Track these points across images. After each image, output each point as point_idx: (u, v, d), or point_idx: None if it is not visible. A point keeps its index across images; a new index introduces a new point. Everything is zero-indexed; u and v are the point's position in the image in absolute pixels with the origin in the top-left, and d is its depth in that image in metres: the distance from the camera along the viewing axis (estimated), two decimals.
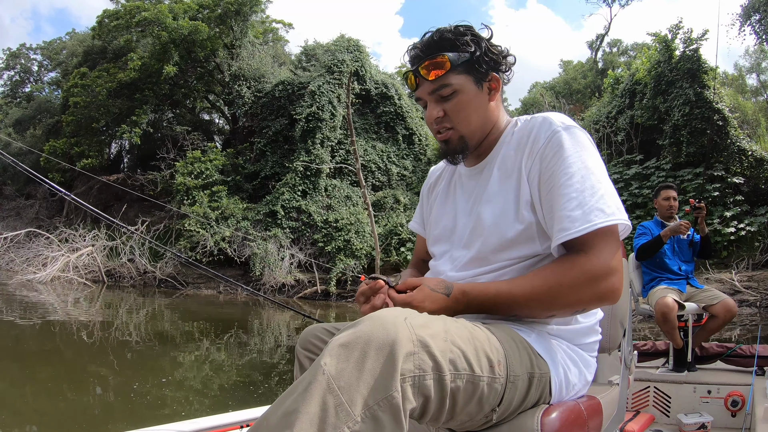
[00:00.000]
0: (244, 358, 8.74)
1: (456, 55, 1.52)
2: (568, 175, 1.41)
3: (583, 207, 1.37)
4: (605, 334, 1.75)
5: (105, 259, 20.84)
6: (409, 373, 1.04)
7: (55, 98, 35.74)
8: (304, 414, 0.96)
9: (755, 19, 19.61)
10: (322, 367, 1.01)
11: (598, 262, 1.35)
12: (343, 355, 1.02)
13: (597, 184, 1.40)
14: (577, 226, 1.36)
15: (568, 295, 1.36)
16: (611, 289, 1.36)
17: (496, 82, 1.59)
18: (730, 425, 3.75)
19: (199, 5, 23.85)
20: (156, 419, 5.50)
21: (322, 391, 0.98)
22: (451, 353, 1.13)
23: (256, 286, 17.80)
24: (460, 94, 1.55)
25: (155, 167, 22.93)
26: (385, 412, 0.99)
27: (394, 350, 1.02)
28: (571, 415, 1.38)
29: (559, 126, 1.47)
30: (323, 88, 20.55)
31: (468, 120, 1.57)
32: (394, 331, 1.05)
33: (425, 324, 1.12)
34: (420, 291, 1.38)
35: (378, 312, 1.12)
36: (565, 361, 1.48)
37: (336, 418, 0.96)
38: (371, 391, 0.99)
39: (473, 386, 1.17)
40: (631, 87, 18.33)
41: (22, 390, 6.61)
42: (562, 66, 40.89)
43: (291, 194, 19.60)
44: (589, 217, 1.35)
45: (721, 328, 4.42)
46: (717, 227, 14.50)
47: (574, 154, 1.43)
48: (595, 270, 1.34)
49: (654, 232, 4.75)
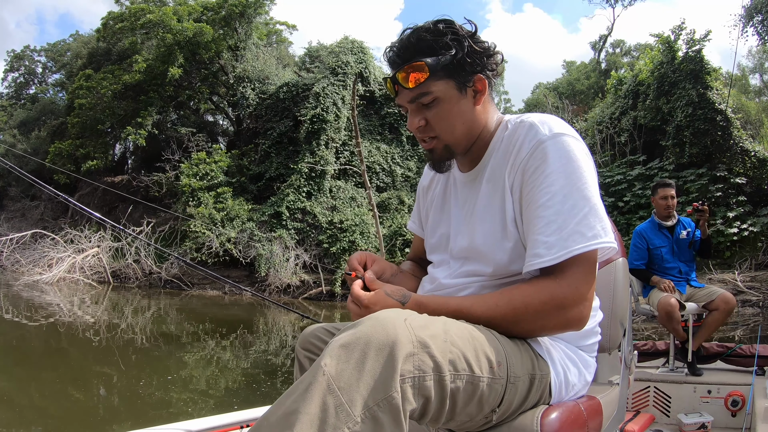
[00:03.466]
0: (249, 358, 8.78)
1: (435, 59, 1.38)
2: (549, 195, 1.32)
3: (561, 231, 1.30)
4: (605, 334, 1.74)
5: (111, 260, 20.86)
6: (408, 374, 1.04)
7: (59, 100, 35.72)
8: (304, 414, 0.96)
9: (757, 20, 19.58)
10: (322, 367, 1.01)
11: (569, 290, 1.29)
12: (343, 355, 1.03)
13: (581, 203, 1.32)
14: (552, 254, 1.29)
15: (533, 320, 1.31)
16: (578, 318, 1.31)
17: (481, 84, 1.46)
18: (731, 425, 3.75)
19: (203, 7, 23.88)
20: (161, 419, 5.55)
21: (322, 391, 0.98)
22: (451, 354, 1.12)
23: (262, 286, 17.84)
24: (441, 102, 1.43)
25: (160, 168, 22.93)
26: (384, 413, 1.00)
27: (394, 351, 1.03)
28: (571, 416, 1.37)
29: (545, 135, 1.37)
30: (327, 89, 20.54)
31: (452, 129, 1.46)
32: (394, 332, 1.05)
33: (425, 325, 1.12)
34: (376, 294, 1.38)
35: (378, 313, 1.12)
36: (565, 361, 1.46)
37: (336, 419, 0.96)
38: (371, 392, 1.00)
39: (473, 387, 1.16)
40: (634, 88, 18.32)
41: (28, 390, 6.66)
42: (565, 67, 40.79)
43: (296, 195, 19.61)
44: (566, 243, 1.28)
45: (721, 322, 4.40)
46: (720, 228, 14.49)
47: (559, 168, 1.33)
48: (565, 297, 1.29)
49: (650, 239, 4.73)
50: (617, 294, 1.84)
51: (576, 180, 1.33)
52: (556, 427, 1.30)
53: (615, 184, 16.66)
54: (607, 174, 17.17)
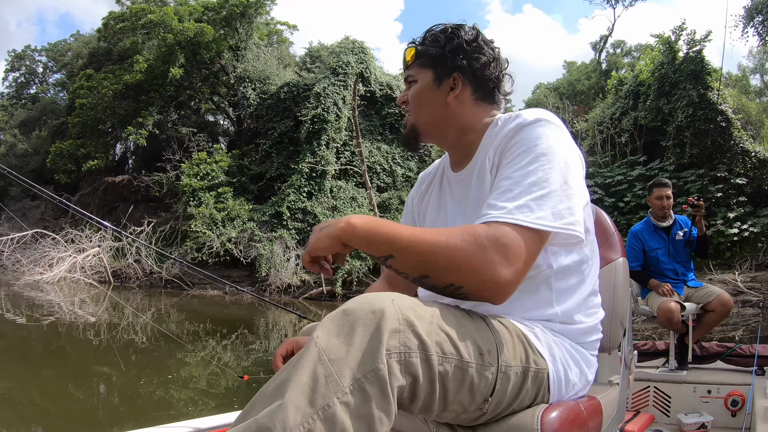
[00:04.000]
0: (250, 358, 8.80)
1: (425, 48, 1.59)
2: (513, 168, 1.34)
3: (513, 201, 1.28)
4: (605, 334, 1.73)
5: (111, 260, 20.90)
6: (394, 349, 1.06)
7: (60, 100, 35.81)
8: (296, 383, 1.00)
9: (758, 20, 19.60)
10: (314, 339, 1.05)
11: (500, 256, 1.21)
12: (333, 329, 1.07)
13: (542, 183, 1.30)
14: (495, 216, 1.25)
15: (458, 267, 1.20)
16: (496, 286, 1.21)
17: (456, 82, 1.57)
18: (731, 425, 3.75)
19: (204, 7, 23.93)
20: (162, 419, 5.56)
21: (313, 362, 1.02)
22: (437, 336, 1.13)
23: (262, 286, 17.89)
24: (417, 85, 1.60)
25: (160, 168, 22.96)
26: (372, 385, 1.03)
27: (380, 326, 1.06)
28: (571, 415, 1.37)
29: (527, 120, 1.41)
30: (328, 89, 20.56)
31: (417, 112, 1.61)
32: (381, 309, 1.08)
33: (411, 306, 1.14)
34: None
35: (366, 294, 1.16)
36: (566, 359, 1.45)
37: (326, 388, 1.00)
38: (359, 364, 1.03)
39: (462, 372, 1.17)
40: (634, 88, 18.33)
41: (29, 389, 6.67)
42: (566, 67, 40.81)
43: (296, 195, 19.63)
44: (512, 211, 1.25)
45: (717, 322, 4.42)
46: (720, 228, 14.50)
47: (531, 148, 1.35)
48: (493, 260, 1.20)
49: (645, 241, 4.70)
50: (617, 294, 1.85)
51: (545, 162, 1.33)
52: (556, 426, 1.30)
53: (615, 184, 16.67)
54: (608, 174, 17.18)
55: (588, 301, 1.56)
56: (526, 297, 1.45)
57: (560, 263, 1.48)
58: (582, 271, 1.53)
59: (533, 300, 1.47)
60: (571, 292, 1.51)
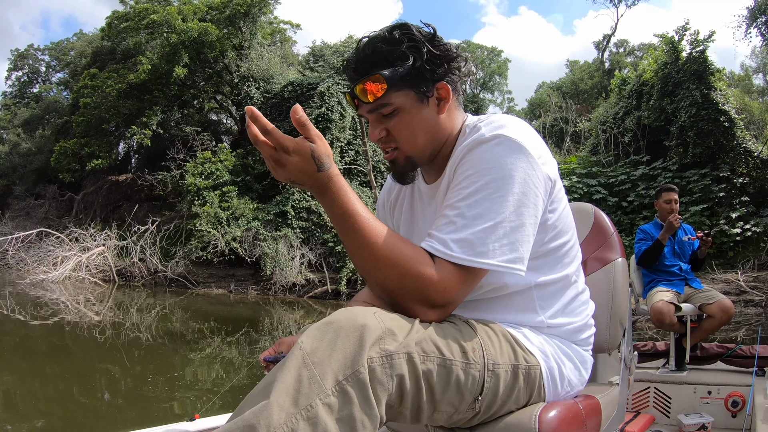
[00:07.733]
0: (255, 357, 8.82)
1: (393, 70, 1.34)
2: (460, 196, 1.29)
3: (454, 233, 1.26)
4: (605, 334, 1.75)
5: (116, 259, 20.96)
6: (376, 354, 1.10)
7: (63, 99, 35.78)
8: (281, 384, 1.04)
9: (761, 21, 19.57)
10: (299, 344, 1.09)
11: (438, 286, 1.23)
12: (317, 335, 1.10)
13: (488, 214, 1.25)
14: (435, 249, 1.26)
15: (393, 278, 1.24)
16: (428, 314, 1.25)
17: (445, 91, 1.41)
18: (731, 426, 3.74)
19: (208, 7, 23.89)
20: (167, 419, 5.58)
21: (298, 365, 1.06)
22: (418, 337, 1.17)
23: (267, 285, 17.96)
24: (402, 113, 1.39)
25: (164, 167, 22.97)
26: (353, 387, 1.06)
27: (363, 335, 1.10)
28: (569, 414, 1.37)
29: (484, 136, 1.32)
30: (332, 89, 20.54)
31: (413, 140, 1.42)
32: (364, 320, 1.12)
33: (394, 318, 1.18)
34: (302, 141, 1.29)
35: (350, 308, 1.18)
36: (558, 355, 1.45)
37: (309, 389, 1.04)
38: (341, 367, 1.07)
39: (446, 370, 1.20)
40: (638, 88, 18.28)
41: (33, 387, 6.71)
42: (568, 66, 40.76)
43: (301, 194, 19.62)
44: (450, 247, 1.25)
45: (716, 328, 4.39)
46: (723, 228, 14.48)
47: (481, 172, 1.29)
48: (431, 289, 1.23)
49: (654, 235, 4.74)
50: (617, 294, 1.84)
51: (494, 189, 1.27)
52: (554, 425, 1.30)
53: (618, 184, 16.67)
54: (611, 174, 17.19)
55: (575, 301, 1.54)
56: (509, 308, 1.45)
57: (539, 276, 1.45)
58: (565, 277, 1.50)
59: (516, 311, 1.45)
60: (554, 299, 1.49)
